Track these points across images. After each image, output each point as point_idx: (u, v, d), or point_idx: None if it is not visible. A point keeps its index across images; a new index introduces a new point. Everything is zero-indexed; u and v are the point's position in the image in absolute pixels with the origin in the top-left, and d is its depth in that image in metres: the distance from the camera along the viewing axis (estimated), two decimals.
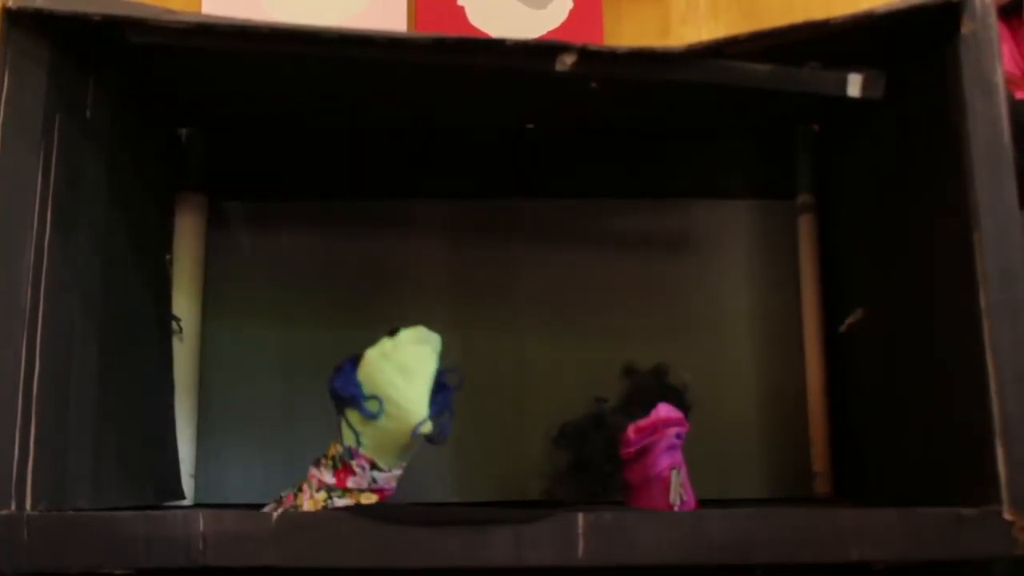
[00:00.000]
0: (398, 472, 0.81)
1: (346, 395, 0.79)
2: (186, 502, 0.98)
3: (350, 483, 0.80)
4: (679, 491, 0.84)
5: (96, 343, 0.81)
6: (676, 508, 0.83)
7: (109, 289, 0.83)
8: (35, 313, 0.71)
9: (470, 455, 1.01)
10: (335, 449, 0.81)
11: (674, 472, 0.84)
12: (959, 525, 0.69)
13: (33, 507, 0.70)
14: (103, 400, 0.81)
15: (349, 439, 0.80)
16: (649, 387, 0.93)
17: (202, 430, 1.01)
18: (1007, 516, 0.68)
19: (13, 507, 0.68)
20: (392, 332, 0.80)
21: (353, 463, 0.80)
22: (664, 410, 0.86)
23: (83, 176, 0.79)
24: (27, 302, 0.70)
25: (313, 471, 0.82)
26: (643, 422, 0.86)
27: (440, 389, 0.80)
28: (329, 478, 0.80)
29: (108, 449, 0.82)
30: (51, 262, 0.73)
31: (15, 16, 0.73)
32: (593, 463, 0.91)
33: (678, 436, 0.85)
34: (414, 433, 0.77)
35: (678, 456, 0.85)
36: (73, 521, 0.69)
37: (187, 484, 0.99)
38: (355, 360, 0.80)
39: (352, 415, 0.79)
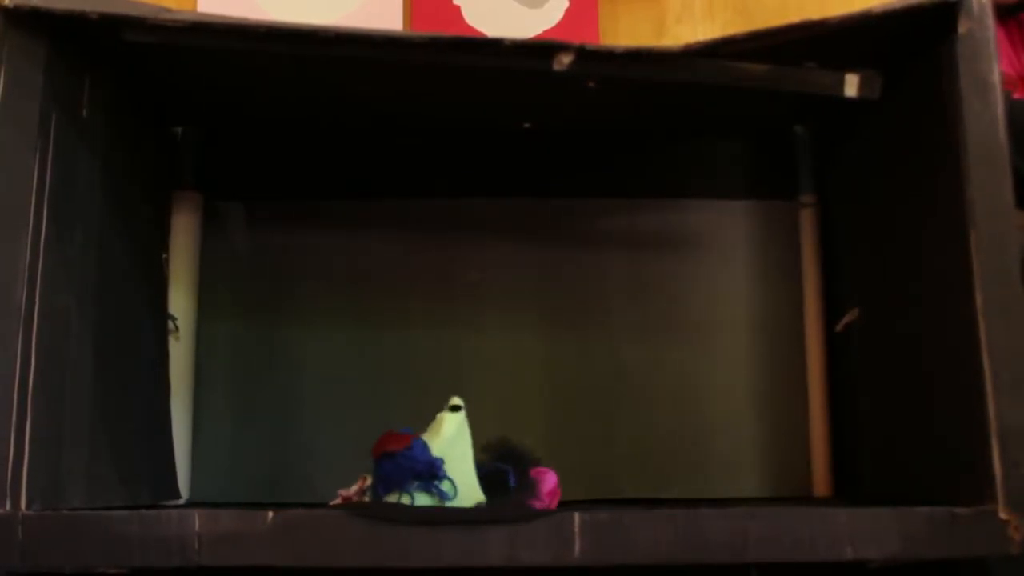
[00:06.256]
0: None
1: (437, 482, 0.75)
2: (181, 501, 0.98)
3: None
4: None
5: (91, 342, 0.81)
6: None
7: (105, 287, 0.83)
8: (30, 311, 0.71)
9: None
10: None
11: None
12: (954, 524, 0.69)
13: (28, 507, 0.69)
14: (98, 399, 0.81)
15: None
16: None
17: (197, 429, 1.01)
18: (1002, 515, 0.68)
19: (8, 506, 0.68)
20: (454, 408, 0.77)
21: None
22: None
23: (79, 174, 0.79)
24: (22, 300, 0.70)
25: None
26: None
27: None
28: None
29: (103, 448, 0.82)
30: (46, 260, 0.73)
31: (12, 14, 0.73)
32: None
33: None
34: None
35: None
36: (68, 521, 0.68)
37: (182, 483, 0.98)
38: (422, 440, 0.76)
39: (419, 495, 0.75)
